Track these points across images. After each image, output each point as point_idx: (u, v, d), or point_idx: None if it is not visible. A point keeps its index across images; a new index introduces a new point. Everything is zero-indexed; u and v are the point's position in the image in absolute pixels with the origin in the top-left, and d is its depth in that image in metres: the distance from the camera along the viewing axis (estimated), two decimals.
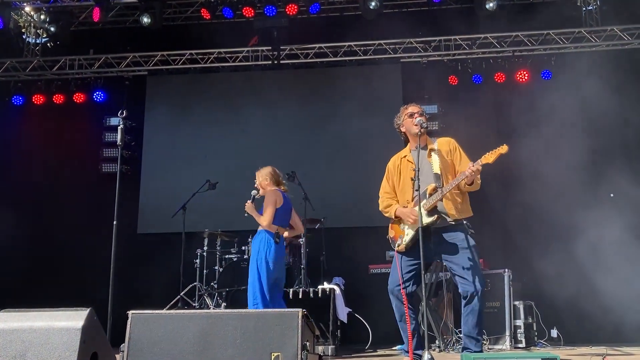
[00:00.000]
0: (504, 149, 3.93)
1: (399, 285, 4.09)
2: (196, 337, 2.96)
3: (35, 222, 8.50)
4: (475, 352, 3.92)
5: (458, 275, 4.03)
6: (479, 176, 4.03)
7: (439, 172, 4.15)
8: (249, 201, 5.25)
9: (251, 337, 2.91)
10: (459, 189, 4.11)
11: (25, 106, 9.03)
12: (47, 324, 3.11)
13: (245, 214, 5.24)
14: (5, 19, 7.82)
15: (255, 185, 5.43)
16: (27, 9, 8.60)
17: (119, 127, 4.36)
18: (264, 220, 5.15)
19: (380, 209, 4.42)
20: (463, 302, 4.03)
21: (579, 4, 8.47)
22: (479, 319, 3.97)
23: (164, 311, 3.19)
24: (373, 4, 7.65)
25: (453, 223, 4.10)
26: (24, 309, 4.10)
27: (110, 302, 4.11)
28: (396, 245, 4.20)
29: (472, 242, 4.07)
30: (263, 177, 5.42)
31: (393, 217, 4.28)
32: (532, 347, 6.16)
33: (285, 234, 5.35)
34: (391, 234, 4.34)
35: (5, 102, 8.93)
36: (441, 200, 4.07)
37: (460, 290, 4.06)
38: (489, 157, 3.95)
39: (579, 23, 8.44)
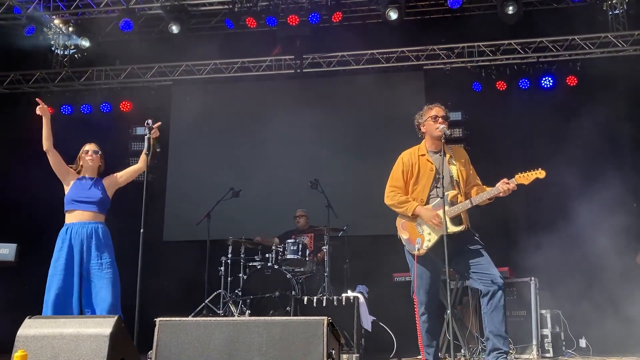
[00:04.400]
0: (541, 174, 3.91)
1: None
2: (223, 345, 2.99)
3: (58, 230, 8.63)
4: (505, 352, 3.85)
5: (480, 273, 3.99)
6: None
7: (459, 180, 4.15)
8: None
9: (277, 345, 2.93)
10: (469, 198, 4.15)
11: (54, 116, 9.18)
12: (76, 330, 3.17)
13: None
14: (37, 29, 8.02)
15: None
16: (56, 21, 8.81)
17: (145, 137, 4.42)
18: None
19: (389, 202, 4.28)
20: (485, 300, 3.96)
21: (604, 8, 8.36)
22: (505, 315, 3.93)
23: (191, 318, 3.22)
24: (392, 14, 7.64)
25: (469, 231, 4.14)
26: (53, 315, 4.19)
27: (137, 309, 4.16)
28: (415, 249, 4.13)
29: (482, 242, 4.09)
30: None
31: (409, 214, 4.17)
32: (559, 357, 6.06)
33: None
34: (404, 234, 4.24)
35: (34, 113, 9.10)
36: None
37: (481, 288, 3.99)
38: (524, 179, 3.94)
39: (605, 28, 8.33)
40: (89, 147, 4.89)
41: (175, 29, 8.07)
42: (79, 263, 4.44)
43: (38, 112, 4.70)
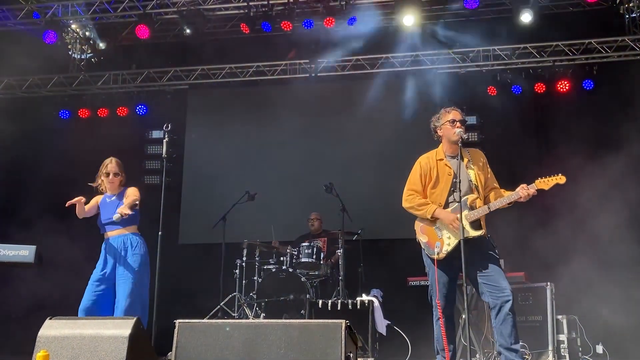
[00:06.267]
0: (562, 179, 3.90)
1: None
2: (241, 347, 3.02)
3: (79, 233, 8.71)
4: None
5: (488, 285, 4.00)
6: None
7: (477, 184, 4.14)
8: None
9: (295, 348, 2.94)
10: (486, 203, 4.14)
11: (72, 120, 9.32)
12: (96, 331, 3.21)
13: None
14: (58, 36, 8.13)
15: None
16: (73, 26, 8.92)
17: (164, 141, 4.47)
18: None
19: (407, 205, 4.27)
20: (493, 313, 3.98)
21: (621, 11, 8.31)
22: (514, 326, 3.91)
23: (210, 320, 3.25)
24: (405, 20, 7.66)
25: (486, 237, 4.12)
26: (73, 316, 4.23)
27: (154, 311, 4.20)
28: (435, 253, 4.13)
29: (497, 253, 4.10)
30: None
31: (428, 217, 4.17)
32: None
33: None
34: (423, 238, 4.24)
35: (53, 116, 9.24)
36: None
37: (489, 301, 4.01)
38: (545, 184, 3.93)
39: (621, 31, 8.26)
40: (110, 168, 4.92)
41: (190, 33, 8.14)
42: (111, 272, 4.67)
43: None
